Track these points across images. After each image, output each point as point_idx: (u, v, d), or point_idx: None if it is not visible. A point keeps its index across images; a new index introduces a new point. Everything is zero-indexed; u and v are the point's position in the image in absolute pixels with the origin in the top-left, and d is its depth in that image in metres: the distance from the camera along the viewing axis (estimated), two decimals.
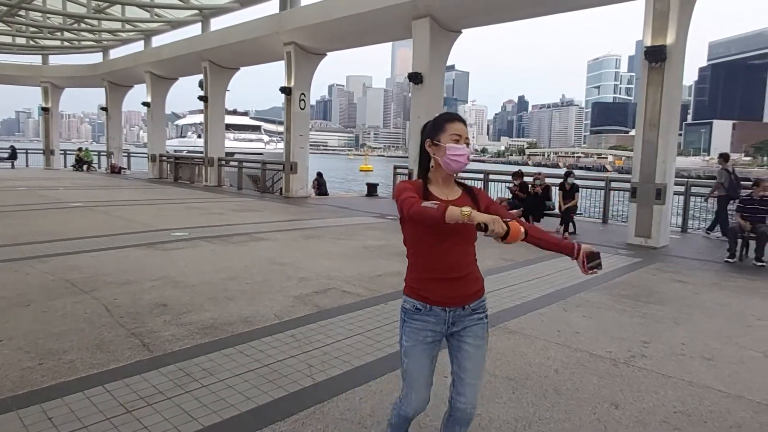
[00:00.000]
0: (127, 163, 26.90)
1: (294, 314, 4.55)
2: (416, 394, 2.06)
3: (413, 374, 2.05)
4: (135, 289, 5.15)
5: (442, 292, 2.01)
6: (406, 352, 2.05)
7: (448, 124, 2.06)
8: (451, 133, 2.03)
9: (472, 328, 2.07)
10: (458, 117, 2.12)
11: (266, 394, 3.05)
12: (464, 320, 2.06)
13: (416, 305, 2.04)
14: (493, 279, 6.05)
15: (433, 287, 2.01)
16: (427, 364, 2.06)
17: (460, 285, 2.03)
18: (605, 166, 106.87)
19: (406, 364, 2.06)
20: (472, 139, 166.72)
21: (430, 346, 2.05)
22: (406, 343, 2.05)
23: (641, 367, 3.61)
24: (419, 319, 2.03)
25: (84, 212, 10.82)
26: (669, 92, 8.46)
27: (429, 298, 2.02)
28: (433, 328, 2.03)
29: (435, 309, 2.02)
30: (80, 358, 3.47)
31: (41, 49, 25.45)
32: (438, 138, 2.05)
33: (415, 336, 2.03)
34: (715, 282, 6.43)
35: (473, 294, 2.07)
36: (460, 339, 2.07)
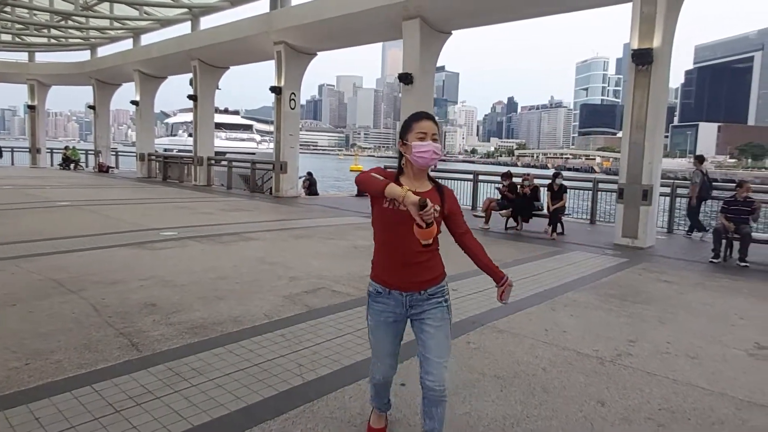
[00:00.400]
0: (115, 162, 26.64)
1: (284, 314, 4.55)
2: (381, 363, 2.37)
3: (378, 348, 2.36)
4: (123, 289, 5.12)
5: (399, 277, 2.21)
6: (371, 330, 2.35)
7: (415, 123, 2.22)
8: (417, 132, 2.20)
9: (431, 311, 2.25)
10: (426, 116, 2.26)
11: (256, 393, 3.05)
12: (423, 304, 2.24)
13: (378, 289, 2.27)
14: (482, 279, 6.05)
15: (391, 272, 2.23)
16: (390, 340, 2.33)
17: (414, 271, 2.20)
18: (593, 167, 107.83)
19: (371, 340, 2.37)
20: (462, 140, 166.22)
21: (392, 325, 2.29)
22: (370, 323, 2.34)
23: (627, 366, 3.67)
24: (381, 301, 2.28)
25: (71, 211, 10.71)
26: (655, 94, 8.58)
27: (388, 282, 2.24)
28: (393, 310, 2.26)
29: (394, 293, 2.24)
30: (68, 358, 3.45)
31: (27, 46, 25.11)
32: (406, 137, 2.23)
33: (377, 317, 2.30)
34: (700, 282, 6.53)
35: (430, 280, 2.25)
36: (421, 322, 2.26)
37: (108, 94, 25.31)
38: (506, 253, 7.84)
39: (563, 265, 7.12)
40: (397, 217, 2.11)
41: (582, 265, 7.24)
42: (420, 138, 2.19)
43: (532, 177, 10.63)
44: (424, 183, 2.26)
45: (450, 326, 2.32)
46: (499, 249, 8.17)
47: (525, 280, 6.16)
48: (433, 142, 2.19)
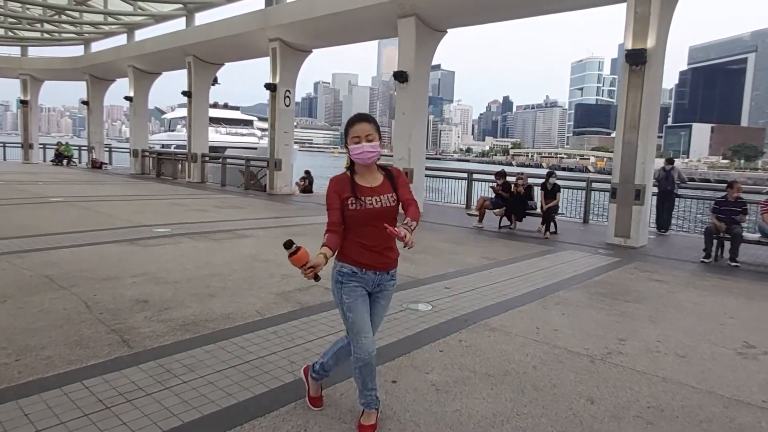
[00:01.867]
0: (109, 158, 26.50)
1: (276, 311, 4.55)
2: (365, 337, 2.52)
3: (358, 323, 2.53)
4: (115, 285, 5.10)
5: (375, 260, 2.54)
6: (350, 307, 2.53)
7: (349, 129, 2.55)
8: (351, 137, 2.53)
9: (387, 290, 2.67)
10: (358, 119, 2.57)
11: (247, 390, 3.05)
12: (385, 283, 2.63)
13: (353, 269, 2.55)
14: (475, 277, 6.12)
15: (367, 256, 2.53)
16: (366, 312, 2.57)
17: (385, 254, 2.57)
18: (587, 167, 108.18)
19: (350, 318, 2.53)
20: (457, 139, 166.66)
21: (365, 299, 2.58)
22: (347, 301, 2.54)
23: (617, 364, 3.70)
24: (355, 280, 2.55)
25: (64, 207, 10.64)
26: (649, 95, 8.62)
27: (363, 264, 2.53)
28: (364, 286, 2.57)
29: (368, 273, 2.55)
30: (58, 354, 3.43)
31: (20, 41, 24.91)
32: (346, 142, 2.56)
33: (353, 293, 2.54)
34: (691, 281, 6.58)
35: (393, 261, 2.63)
36: (376, 298, 2.64)
37: (102, 90, 25.15)
38: (499, 251, 7.86)
39: (556, 264, 7.15)
40: (372, 213, 2.49)
41: (574, 264, 7.28)
42: (355, 142, 2.50)
43: (526, 176, 10.65)
44: (375, 175, 2.60)
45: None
46: (493, 248, 8.19)
47: (517, 278, 6.19)
48: (368, 142, 2.49)
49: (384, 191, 2.56)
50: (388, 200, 2.54)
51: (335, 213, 2.53)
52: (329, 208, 2.55)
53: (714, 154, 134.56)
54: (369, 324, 2.57)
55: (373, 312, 2.63)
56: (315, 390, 2.92)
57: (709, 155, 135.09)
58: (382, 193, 2.55)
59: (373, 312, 2.63)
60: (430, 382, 3.26)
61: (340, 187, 2.54)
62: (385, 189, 2.57)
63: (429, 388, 3.19)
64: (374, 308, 2.64)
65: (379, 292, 2.64)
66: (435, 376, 3.35)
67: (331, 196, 2.54)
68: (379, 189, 2.55)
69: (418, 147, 12.54)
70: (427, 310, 4.72)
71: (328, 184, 2.58)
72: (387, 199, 2.54)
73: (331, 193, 2.55)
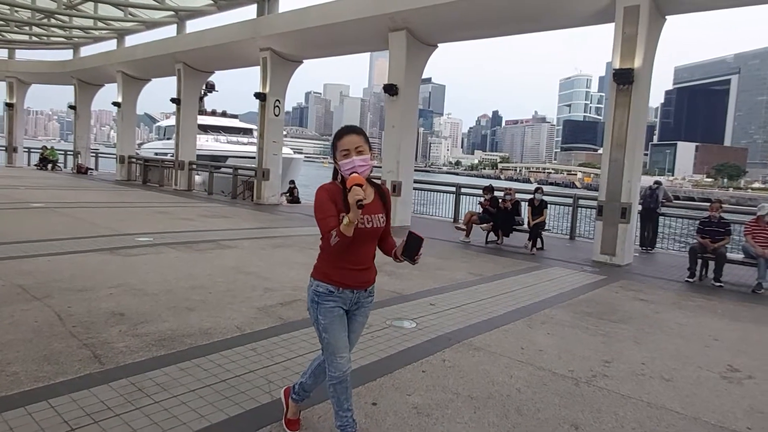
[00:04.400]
0: (95, 164, 26.16)
1: (257, 326, 4.44)
2: (340, 357, 2.44)
3: (333, 344, 2.44)
4: (91, 297, 4.95)
5: (353, 279, 2.43)
6: (325, 328, 2.43)
7: (338, 142, 2.41)
8: (341, 150, 2.39)
9: (366, 307, 2.57)
10: (346, 131, 2.43)
11: (221, 411, 2.94)
12: (363, 301, 2.53)
13: (329, 288, 2.43)
14: (460, 293, 6.05)
15: (345, 275, 2.42)
16: (343, 332, 2.47)
17: (365, 274, 2.47)
18: (575, 182, 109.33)
19: (326, 338, 2.44)
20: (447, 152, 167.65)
21: (342, 318, 2.47)
22: (324, 321, 2.43)
23: (602, 387, 3.64)
24: (331, 299, 2.43)
25: (44, 213, 10.42)
26: (635, 113, 8.69)
27: (340, 283, 2.42)
28: (341, 305, 2.46)
29: (345, 291, 2.44)
30: (25, 371, 3.29)
31: (8, 43, 24.60)
32: (335, 156, 2.43)
33: (330, 314, 2.43)
34: (675, 301, 6.58)
35: (372, 280, 2.54)
36: (354, 315, 2.54)
37: (90, 95, 24.90)
38: (486, 267, 7.81)
39: (541, 281, 7.12)
40: (363, 233, 2.36)
41: (560, 281, 7.25)
42: (344, 155, 2.37)
43: (514, 191, 10.66)
44: (367, 191, 2.42)
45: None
46: (479, 263, 8.14)
47: (503, 295, 6.13)
48: (358, 155, 2.36)
49: (376, 210, 2.44)
50: (379, 221, 2.45)
51: (334, 220, 2.28)
52: (325, 216, 2.30)
53: (698, 173, 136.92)
54: (345, 343, 2.48)
55: (350, 329, 2.54)
56: (293, 412, 2.81)
57: (694, 173, 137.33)
58: (374, 212, 2.43)
59: (350, 329, 2.54)
60: (411, 405, 3.17)
61: (334, 195, 2.34)
62: (376, 208, 2.45)
63: (410, 411, 3.10)
64: (352, 325, 2.55)
65: (356, 310, 2.54)
66: (417, 398, 3.27)
67: (327, 204, 2.32)
68: (372, 207, 2.42)
69: (407, 160, 12.52)
70: (411, 328, 4.64)
71: (319, 193, 2.35)
72: (378, 220, 2.44)
73: (325, 201, 2.33)
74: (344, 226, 2.22)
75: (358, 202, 2.18)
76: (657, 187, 11.02)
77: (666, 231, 12.17)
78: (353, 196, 2.18)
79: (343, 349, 2.46)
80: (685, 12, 9.21)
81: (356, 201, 2.18)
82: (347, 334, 2.50)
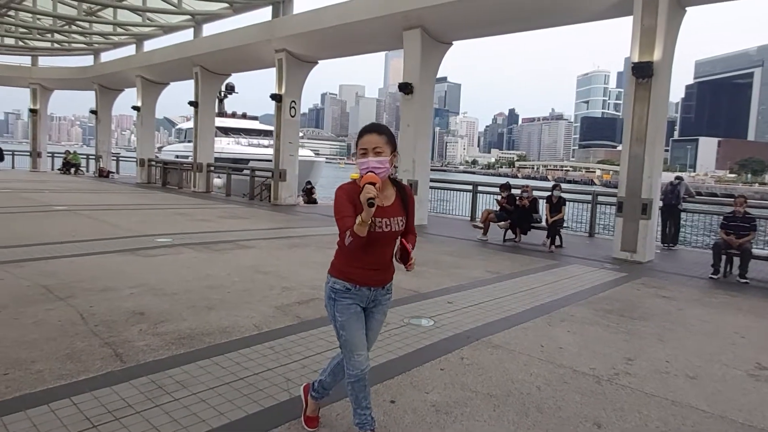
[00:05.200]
0: (116, 167, 26.62)
1: (274, 325, 4.46)
2: (357, 355, 2.43)
3: (351, 341, 2.42)
4: (112, 297, 5.03)
5: (370, 277, 2.43)
6: (342, 325, 2.43)
7: (359, 141, 2.38)
8: (359, 149, 2.36)
9: (384, 305, 2.56)
10: (368, 130, 2.39)
11: (240, 408, 2.95)
12: (381, 298, 2.52)
13: (347, 285, 2.43)
14: (478, 291, 6.00)
15: (362, 273, 2.42)
16: (360, 329, 2.46)
17: (382, 273, 2.47)
18: (593, 179, 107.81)
19: (343, 335, 2.43)
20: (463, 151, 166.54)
21: (359, 315, 2.46)
22: (341, 318, 2.42)
23: (625, 385, 3.57)
24: (348, 297, 2.43)
25: (67, 216, 10.63)
26: (655, 108, 8.53)
27: (358, 281, 2.42)
28: (358, 303, 2.45)
29: (362, 289, 2.44)
30: (49, 369, 3.35)
31: (31, 51, 25.15)
32: (356, 154, 2.39)
33: (347, 311, 2.42)
34: (699, 298, 6.43)
35: (390, 278, 2.54)
36: (372, 313, 2.53)
37: (110, 100, 25.34)
38: (503, 265, 7.74)
39: (561, 279, 7.02)
40: (380, 236, 2.35)
41: (580, 279, 7.15)
42: (362, 154, 2.34)
43: (531, 189, 10.55)
44: (387, 191, 2.43)
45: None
46: (497, 261, 8.08)
47: (522, 293, 6.07)
48: (376, 155, 2.32)
49: (395, 213, 2.40)
50: (398, 224, 2.40)
51: (350, 220, 2.25)
52: (342, 216, 2.29)
53: (721, 168, 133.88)
54: (363, 341, 2.46)
55: (368, 327, 2.52)
56: (312, 410, 2.82)
57: (716, 169, 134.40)
58: (394, 215, 2.39)
59: (368, 327, 2.52)
60: (430, 403, 3.15)
61: (352, 195, 2.29)
62: (396, 211, 2.41)
63: (429, 408, 3.08)
64: (370, 323, 2.53)
65: (374, 307, 2.52)
66: (435, 396, 3.24)
67: (345, 205, 2.30)
68: (391, 210, 2.39)
69: (423, 159, 12.48)
70: (429, 326, 4.61)
71: (337, 192, 2.33)
72: (397, 223, 2.40)
73: (343, 201, 2.30)
74: (357, 227, 2.19)
75: (368, 200, 2.13)
76: (678, 182, 10.82)
77: (688, 227, 11.93)
78: (364, 194, 2.15)
79: (361, 347, 2.44)
80: (705, 2, 9.00)
81: (367, 199, 2.13)
82: (365, 331, 2.49)
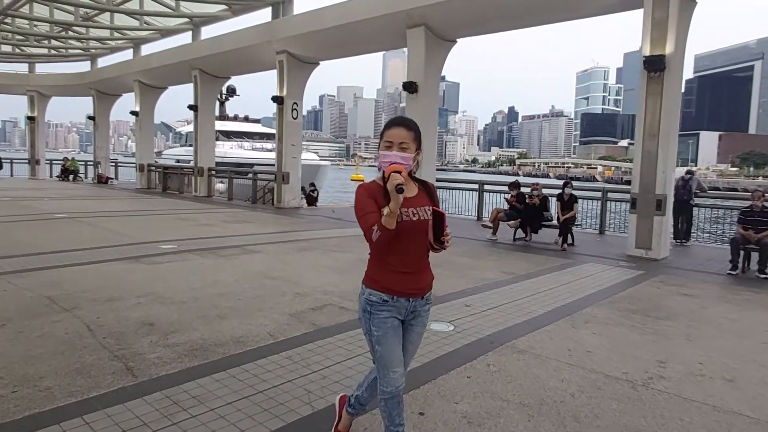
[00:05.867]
0: (115, 173, 26.46)
1: (289, 333, 4.29)
2: (393, 372, 2.21)
3: (387, 357, 2.21)
4: (119, 307, 4.86)
5: (406, 285, 2.22)
6: (379, 340, 2.22)
7: (385, 132, 2.21)
8: (384, 141, 2.19)
9: (423, 316, 2.33)
10: (396, 123, 2.23)
11: (261, 425, 2.79)
12: (419, 309, 2.30)
13: (383, 297, 2.22)
14: (495, 293, 5.84)
15: (398, 280, 2.21)
16: (398, 345, 2.25)
17: (419, 277, 2.26)
18: (595, 176, 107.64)
19: (379, 351, 2.22)
20: (463, 149, 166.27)
21: (397, 330, 2.25)
22: (377, 333, 2.22)
23: (661, 390, 3.40)
24: (386, 309, 2.22)
25: (68, 224, 10.47)
26: (668, 102, 8.36)
27: (394, 290, 2.21)
28: (396, 315, 2.24)
29: (400, 300, 2.22)
30: (58, 385, 3.18)
31: (28, 57, 25.03)
32: (380, 146, 2.23)
33: (383, 325, 2.21)
34: (721, 295, 6.27)
35: (428, 285, 2.32)
36: (411, 325, 2.31)
37: (108, 105, 25.19)
38: (518, 265, 7.57)
39: (578, 278, 6.85)
40: (408, 226, 2.15)
41: (597, 277, 6.98)
42: (387, 147, 2.18)
43: (541, 187, 10.38)
44: (409, 186, 2.22)
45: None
46: (510, 261, 7.91)
47: (540, 294, 5.90)
48: (402, 150, 2.15)
49: (421, 203, 2.22)
50: (426, 213, 2.20)
51: (374, 215, 2.10)
52: (365, 213, 2.13)
53: (722, 162, 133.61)
54: (400, 357, 2.26)
55: (407, 340, 2.31)
56: (345, 425, 2.63)
57: (718, 163, 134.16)
58: (419, 204, 2.21)
59: (407, 340, 2.31)
60: (461, 414, 2.98)
61: (373, 193, 2.17)
62: (422, 200, 2.23)
63: (460, 420, 2.91)
64: (409, 336, 2.32)
65: (413, 319, 2.31)
66: (465, 407, 3.07)
67: (366, 201, 2.15)
68: (416, 200, 2.21)
69: (429, 157, 12.32)
70: (449, 331, 4.44)
71: (357, 191, 2.20)
72: (424, 212, 2.20)
73: (364, 198, 2.16)
74: (385, 218, 2.03)
75: (397, 186, 1.98)
76: (690, 177, 10.65)
77: (702, 223, 11.77)
78: (392, 181, 2.00)
79: (397, 364, 2.24)
80: None
81: (396, 185, 1.98)
82: (403, 345, 2.29)
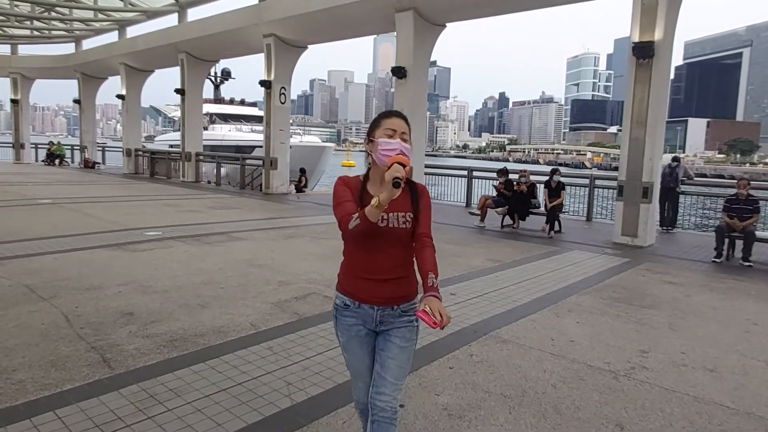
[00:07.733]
0: (102, 158, 26.07)
1: (272, 323, 4.24)
2: (362, 382, 2.07)
3: (355, 366, 2.08)
4: (99, 296, 4.78)
5: (369, 292, 2.00)
6: (344, 347, 2.08)
7: (384, 120, 2.01)
8: (385, 128, 1.98)
9: (400, 329, 2.04)
10: (397, 113, 2.06)
11: (239, 418, 2.74)
12: (394, 321, 2.03)
13: (345, 301, 2.05)
14: (480, 281, 5.82)
15: (360, 285, 2.01)
16: (366, 354, 2.06)
17: (387, 287, 2.00)
18: (584, 162, 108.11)
19: (346, 358, 2.10)
20: (454, 135, 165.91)
21: (365, 339, 2.05)
22: (342, 339, 2.08)
23: (643, 381, 3.40)
24: (349, 315, 2.05)
25: (52, 210, 10.29)
26: (656, 89, 8.33)
27: (357, 296, 2.02)
28: (362, 323, 2.04)
29: (363, 306, 2.02)
30: (31, 378, 3.12)
31: (9, 39, 24.40)
32: (373, 134, 2.01)
33: (347, 331, 2.06)
34: (705, 283, 6.30)
35: (402, 297, 2.03)
36: (387, 338, 2.04)
37: (94, 88, 24.68)
38: (504, 253, 7.56)
39: (564, 266, 6.86)
40: (374, 231, 1.93)
41: (583, 265, 6.99)
42: (388, 135, 1.96)
43: (529, 174, 10.36)
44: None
45: (414, 349, 2.09)
46: (497, 249, 7.90)
47: (526, 282, 5.89)
48: (403, 141, 1.96)
49: (399, 208, 1.95)
50: (398, 221, 1.96)
51: (350, 205, 1.95)
52: (341, 201, 1.97)
53: (710, 149, 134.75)
54: (367, 368, 2.05)
55: (385, 354, 2.01)
56: None
57: (705, 150, 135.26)
58: (396, 210, 1.94)
59: (385, 354, 2.01)
60: (441, 406, 2.96)
61: (352, 187, 2.02)
62: (401, 205, 1.96)
63: (441, 413, 2.89)
64: (386, 348, 2.02)
65: (388, 331, 2.03)
66: (446, 398, 3.05)
67: (342, 189, 2.00)
68: (393, 204, 1.89)
69: (418, 144, 12.22)
70: None
71: (337, 183, 2.04)
72: (397, 219, 1.96)
73: (341, 187, 2.01)
74: (370, 209, 1.82)
75: (395, 179, 1.76)
76: (676, 165, 10.68)
77: (686, 210, 11.83)
78: (392, 172, 1.79)
79: (363, 374, 2.06)
80: None
81: (393, 178, 1.77)
82: (382, 359, 2.02)
